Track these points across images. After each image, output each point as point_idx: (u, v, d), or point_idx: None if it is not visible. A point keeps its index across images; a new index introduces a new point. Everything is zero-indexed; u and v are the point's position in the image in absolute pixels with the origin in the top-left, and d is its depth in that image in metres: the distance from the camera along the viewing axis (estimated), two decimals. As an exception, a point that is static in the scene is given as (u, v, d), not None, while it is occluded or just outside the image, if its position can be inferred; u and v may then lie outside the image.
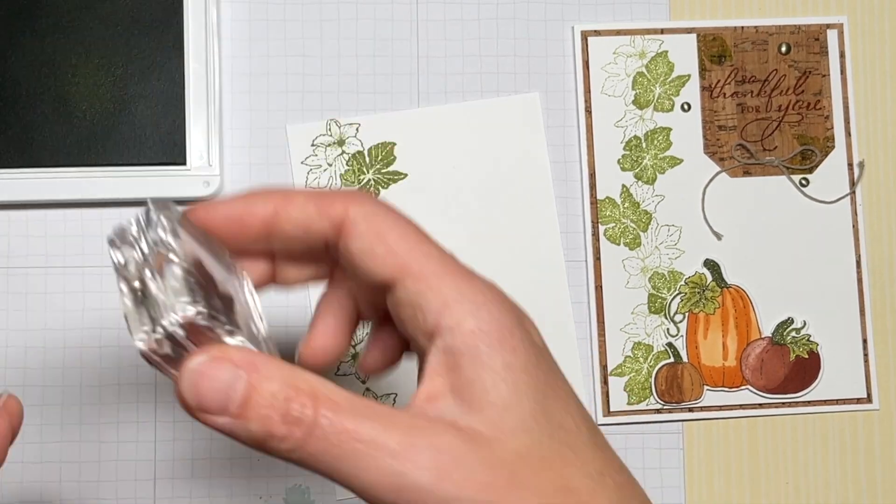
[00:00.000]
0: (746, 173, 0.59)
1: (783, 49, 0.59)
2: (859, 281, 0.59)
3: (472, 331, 0.33)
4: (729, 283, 0.58)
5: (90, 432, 0.55)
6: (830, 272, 0.58)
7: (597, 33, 0.59)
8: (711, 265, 0.58)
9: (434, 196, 0.57)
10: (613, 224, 0.58)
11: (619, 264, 0.58)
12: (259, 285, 0.37)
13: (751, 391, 0.58)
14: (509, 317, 0.35)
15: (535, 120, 0.58)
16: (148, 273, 0.32)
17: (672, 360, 0.58)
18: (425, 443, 0.30)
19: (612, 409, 0.57)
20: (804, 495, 0.58)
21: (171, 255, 0.32)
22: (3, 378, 0.55)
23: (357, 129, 0.57)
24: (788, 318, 0.58)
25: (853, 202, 0.59)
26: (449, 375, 0.32)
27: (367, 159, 0.57)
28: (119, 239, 0.33)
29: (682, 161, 0.59)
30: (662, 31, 0.59)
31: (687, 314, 0.58)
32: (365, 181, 0.57)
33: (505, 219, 0.57)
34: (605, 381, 0.57)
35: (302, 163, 0.57)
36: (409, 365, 0.58)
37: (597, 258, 0.58)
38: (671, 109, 0.59)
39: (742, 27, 0.59)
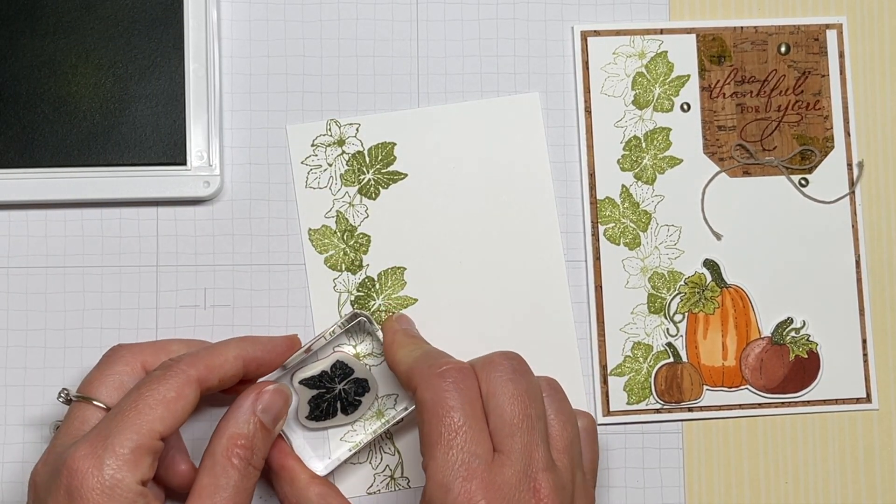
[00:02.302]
0: (746, 173, 0.59)
1: (782, 49, 0.59)
2: (859, 281, 0.59)
3: None
4: (728, 283, 0.58)
5: (90, 432, 0.55)
6: (830, 272, 0.59)
7: (596, 33, 0.59)
8: (711, 265, 0.58)
9: (434, 196, 0.57)
10: (613, 224, 0.58)
11: (619, 264, 0.58)
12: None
13: (750, 391, 0.58)
14: None
15: (535, 120, 0.58)
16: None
17: (672, 359, 0.58)
18: None
19: (611, 409, 0.57)
20: (804, 495, 0.58)
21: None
22: (3, 378, 0.55)
23: (357, 129, 0.57)
24: (788, 318, 0.58)
25: (852, 202, 0.59)
26: None
27: (367, 159, 0.57)
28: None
29: (681, 161, 0.59)
30: (662, 32, 0.59)
31: (686, 314, 0.58)
32: (365, 181, 0.57)
33: (505, 218, 0.57)
34: (604, 381, 0.57)
35: (302, 163, 0.57)
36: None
37: (596, 258, 0.58)
38: (671, 109, 0.59)
39: (741, 27, 0.59)
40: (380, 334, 0.54)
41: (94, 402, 0.48)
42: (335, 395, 0.53)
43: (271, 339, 0.52)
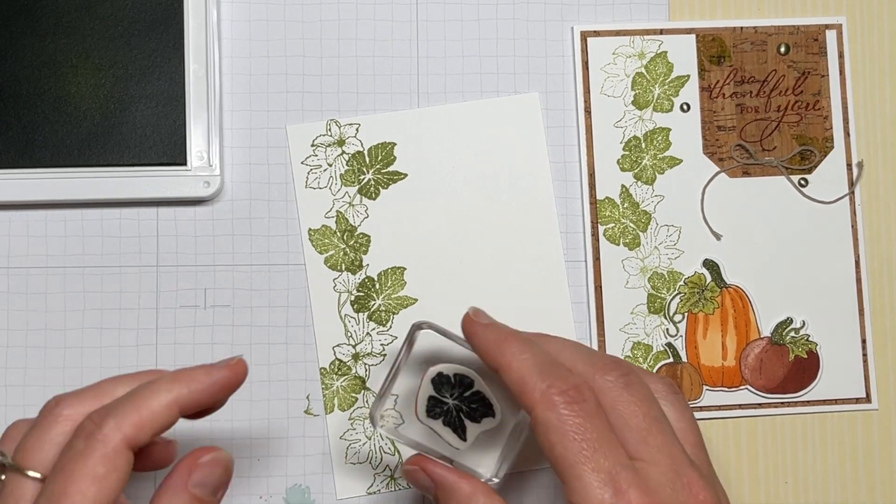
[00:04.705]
0: (745, 173, 0.59)
1: (782, 49, 0.59)
2: (858, 281, 0.59)
3: None
4: (728, 283, 0.58)
5: (90, 432, 0.55)
6: (829, 272, 0.59)
7: (596, 34, 0.59)
8: (711, 265, 0.58)
9: (434, 196, 0.57)
10: (613, 224, 0.58)
11: (619, 264, 0.58)
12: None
13: (750, 391, 0.58)
14: None
15: (535, 120, 0.58)
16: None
17: (671, 360, 0.58)
18: None
19: (611, 409, 0.57)
20: (803, 495, 0.58)
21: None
22: (3, 378, 0.55)
23: (357, 129, 0.57)
24: (787, 318, 0.58)
25: (852, 202, 0.59)
26: None
27: (367, 159, 0.57)
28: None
29: (681, 161, 0.59)
30: (662, 32, 0.59)
31: (686, 314, 0.58)
32: (365, 181, 0.57)
33: (505, 219, 0.57)
34: (604, 381, 0.57)
35: (302, 163, 0.57)
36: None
37: (596, 258, 0.58)
38: (670, 110, 0.59)
39: (741, 28, 0.59)
40: (454, 336, 0.50)
41: (29, 474, 0.41)
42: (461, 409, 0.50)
43: (209, 371, 0.44)
